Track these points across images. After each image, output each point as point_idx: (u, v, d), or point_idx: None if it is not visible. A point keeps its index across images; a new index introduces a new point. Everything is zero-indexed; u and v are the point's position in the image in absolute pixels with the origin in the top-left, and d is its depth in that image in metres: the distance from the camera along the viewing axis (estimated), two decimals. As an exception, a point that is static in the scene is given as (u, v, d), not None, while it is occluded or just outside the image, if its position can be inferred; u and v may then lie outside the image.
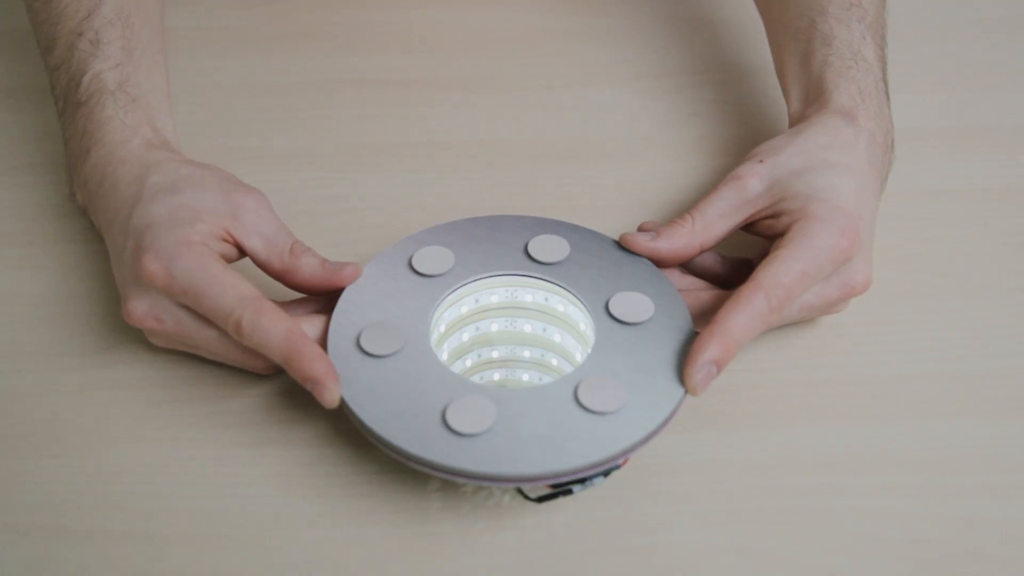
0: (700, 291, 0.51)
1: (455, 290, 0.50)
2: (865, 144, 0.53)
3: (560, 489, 0.44)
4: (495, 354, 0.54)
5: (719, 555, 0.45)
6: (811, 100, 0.57)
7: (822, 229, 0.49)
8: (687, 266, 0.53)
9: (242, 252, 0.50)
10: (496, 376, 0.54)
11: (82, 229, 0.58)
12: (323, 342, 0.48)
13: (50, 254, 0.58)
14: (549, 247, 0.52)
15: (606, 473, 0.44)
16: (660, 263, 0.52)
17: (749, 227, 0.53)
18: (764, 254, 0.53)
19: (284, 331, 0.45)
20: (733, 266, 0.55)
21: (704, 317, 0.50)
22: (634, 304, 0.49)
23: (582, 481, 0.44)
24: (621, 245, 0.52)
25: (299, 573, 0.44)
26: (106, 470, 0.47)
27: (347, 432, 0.48)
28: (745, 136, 0.65)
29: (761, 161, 0.53)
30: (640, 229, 0.55)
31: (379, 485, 0.47)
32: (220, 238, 0.49)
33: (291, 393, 0.50)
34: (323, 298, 0.51)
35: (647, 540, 0.45)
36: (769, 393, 0.51)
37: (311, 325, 0.48)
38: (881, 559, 0.45)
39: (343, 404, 0.45)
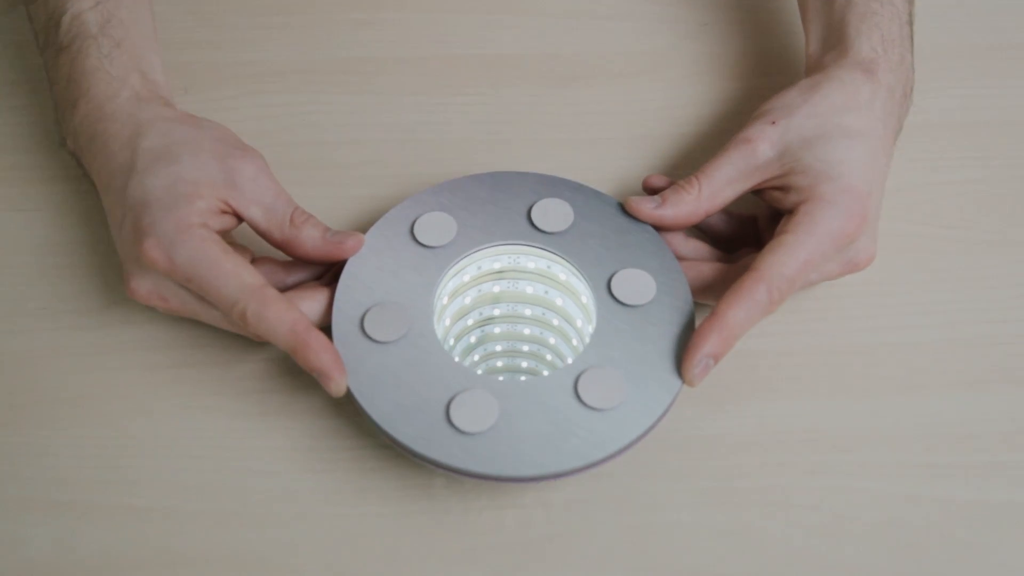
0: (702, 263, 0.51)
1: (457, 262, 0.50)
2: (882, 103, 0.52)
3: None
4: (496, 311, 0.54)
5: (707, 536, 0.47)
6: (831, 45, 0.54)
7: (829, 214, 0.48)
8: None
9: (242, 220, 0.50)
10: (497, 330, 0.55)
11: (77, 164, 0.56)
12: (327, 318, 0.48)
13: (45, 194, 0.57)
14: (552, 214, 0.51)
15: None
16: (664, 229, 0.51)
17: (757, 192, 0.52)
18: (768, 214, 0.53)
19: (290, 323, 0.46)
20: (739, 225, 0.54)
21: (705, 292, 0.50)
22: (636, 284, 0.49)
23: None
24: (625, 210, 0.51)
25: (308, 550, 0.46)
26: (121, 444, 0.49)
27: (352, 401, 0.49)
28: (759, 54, 0.62)
29: (773, 122, 0.51)
30: (645, 186, 0.54)
31: (384, 460, 0.49)
32: (219, 210, 0.48)
33: (295, 359, 0.51)
34: (324, 265, 0.51)
35: (641, 519, 0.47)
36: (762, 363, 0.51)
37: (314, 301, 0.49)
38: (862, 542, 0.47)
39: (349, 392, 0.46)
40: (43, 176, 0.58)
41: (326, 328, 0.48)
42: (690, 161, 0.59)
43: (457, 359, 0.48)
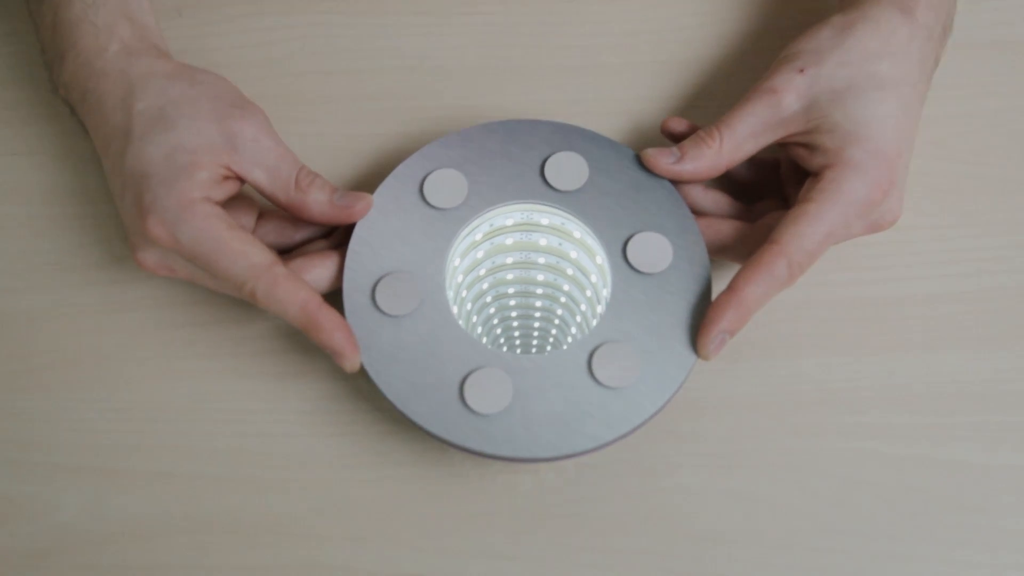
0: (721, 221, 0.49)
1: (468, 224, 0.49)
2: (920, 45, 0.48)
3: None
4: (509, 259, 0.54)
5: (716, 500, 0.48)
6: (866, -25, 0.50)
7: (856, 182, 0.46)
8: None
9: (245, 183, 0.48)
10: (509, 276, 0.54)
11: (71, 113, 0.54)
12: (338, 282, 0.48)
13: (43, 135, 0.55)
14: (566, 170, 0.50)
15: None
16: (683, 183, 0.50)
17: (781, 144, 0.50)
18: (790, 161, 0.51)
19: (300, 302, 0.45)
20: (760, 171, 0.52)
21: (723, 251, 0.49)
22: (652, 249, 0.48)
23: None
24: (642, 163, 0.50)
25: (328, 515, 0.48)
26: (143, 407, 0.50)
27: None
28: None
29: (801, 71, 0.48)
30: (663, 129, 0.52)
31: (400, 423, 0.49)
32: (222, 177, 0.47)
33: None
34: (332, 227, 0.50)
35: (651, 484, 0.48)
36: (776, 319, 0.51)
37: (324, 268, 0.48)
38: (870, 506, 0.48)
39: (362, 367, 0.46)
40: (39, 115, 0.56)
41: (337, 293, 0.48)
42: (716, 90, 0.56)
43: (474, 317, 0.48)
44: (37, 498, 0.48)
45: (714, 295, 0.47)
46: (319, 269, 0.48)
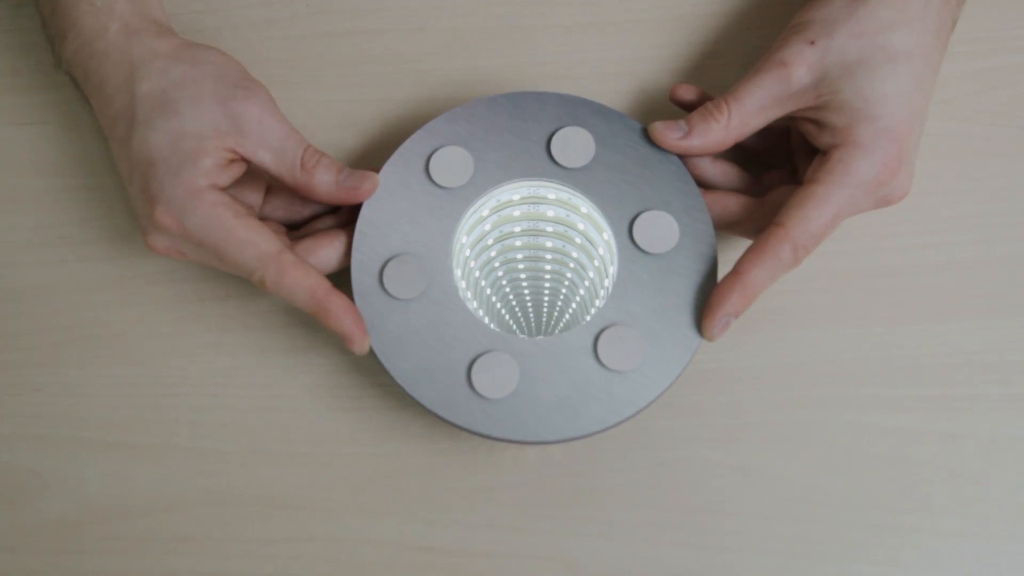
0: (728, 196, 0.49)
1: (475, 202, 0.49)
2: (936, 12, 0.47)
3: None
4: (517, 228, 0.54)
5: (720, 472, 0.49)
6: (884, -63, 0.48)
7: (864, 163, 0.45)
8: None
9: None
10: (518, 243, 0.54)
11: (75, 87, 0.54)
12: (346, 261, 0.48)
13: (49, 103, 0.55)
14: (573, 146, 0.49)
15: None
16: (691, 157, 0.49)
17: (791, 118, 0.49)
18: (800, 131, 0.50)
19: (308, 289, 0.46)
20: (769, 138, 0.52)
21: (730, 227, 0.49)
22: (659, 229, 0.48)
23: None
24: (649, 137, 0.49)
25: (338, 489, 0.49)
26: (159, 382, 0.51)
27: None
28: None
29: (812, 43, 0.47)
30: (672, 97, 0.51)
31: (408, 398, 0.50)
32: (227, 161, 0.47)
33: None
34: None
35: (656, 456, 0.50)
36: (782, 288, 0.50)
37: (332, 248, 0.48)
38: (872, 478, 0.49)
39: (371, 350, 0.47)
40: (45, 83, 0.55)
41: (345, 273, 0.48)
42: (729, 46, 0.55)
43: (483, 282, 0.48)
44: (62, 472, 0.50)
45: (720, 274, 0.47)
46: (327, 250, 0.48)
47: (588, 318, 0.47)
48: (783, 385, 0.50)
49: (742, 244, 0.51)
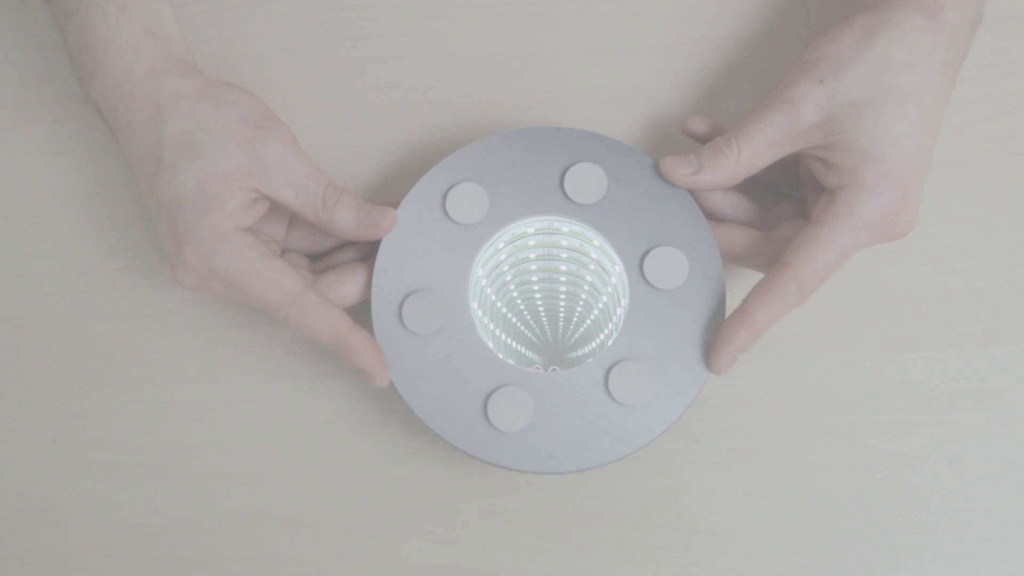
0: (737, 231, 0.50)
1: (490, 238, 0.51)
2: (944, 49, 0.48)
3: None
4: (532, 255, 0.55)
5: (727, 496, 0.51)
6: (890, -26, 0.49)
7: (869, 205, 0.46)
8: None
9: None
10: (533, 267, 0.56)
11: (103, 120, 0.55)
12: (367, 294, 0.50)
13: (77, 133, 0.57)
14: (586, 182, 0.50)
15: None
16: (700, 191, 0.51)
17: (799, 153, 0.50)
18: (806, 169, 0.51)
19: (330, 327, 0.48)
20: (779, 168, 0.53)
21: (738, 260, 0.50)
22: (669, 265, 0.49)
23: None
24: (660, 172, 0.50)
25: (364, 511, 0.52)
26: (191, 407, 0.53)
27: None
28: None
29: (821, 81, 0.48)
30: (685, 129, 0.53)
31: (430, 423, 0.53)
32: (251, 200, 0.49)
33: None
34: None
35: (666, 480, 0.52)
36: (792, 315, 0.52)
37: (353, 283, 0.50)
38: (878, 504, 0.51)
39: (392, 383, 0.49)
40: (74, 112, 0.57)
41: (365, 306, 0.50)
42: (739, 72, 0.56)
43: (499, 303, 0.49)
44: (98, 494, 0.52)
45: (728, 308, 0.48)
46: (349, 284, 0.50)
47: (598, 342, 0.49)
48: (790, 411, 0.52)
49: (751, 276, 0.52)
